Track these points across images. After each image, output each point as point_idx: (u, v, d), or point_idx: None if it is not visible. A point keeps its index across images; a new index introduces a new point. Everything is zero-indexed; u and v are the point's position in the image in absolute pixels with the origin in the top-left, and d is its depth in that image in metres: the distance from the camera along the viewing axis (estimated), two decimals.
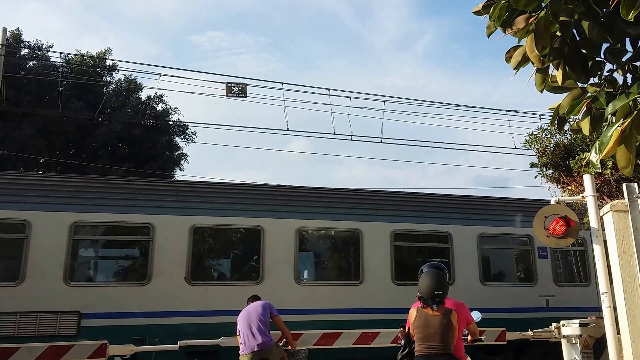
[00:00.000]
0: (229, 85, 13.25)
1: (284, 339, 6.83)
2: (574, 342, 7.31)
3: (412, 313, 4.77)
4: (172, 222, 8.87)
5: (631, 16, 2.28)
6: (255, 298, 7.04)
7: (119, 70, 21.41)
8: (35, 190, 8.74)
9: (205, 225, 9.21)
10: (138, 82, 21.39)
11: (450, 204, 10.77)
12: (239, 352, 6.54)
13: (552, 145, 11.25)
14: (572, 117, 2.87)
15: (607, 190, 9.30)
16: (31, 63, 20.63)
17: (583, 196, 6.04)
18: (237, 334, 6.65)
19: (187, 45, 63.33)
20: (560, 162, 11.04)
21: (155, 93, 21.80)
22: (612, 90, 2.78)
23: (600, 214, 5.71)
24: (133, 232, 9.10)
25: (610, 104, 2.47)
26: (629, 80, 2.79)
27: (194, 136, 22.73)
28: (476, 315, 5.63)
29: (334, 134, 13.50)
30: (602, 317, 5.70)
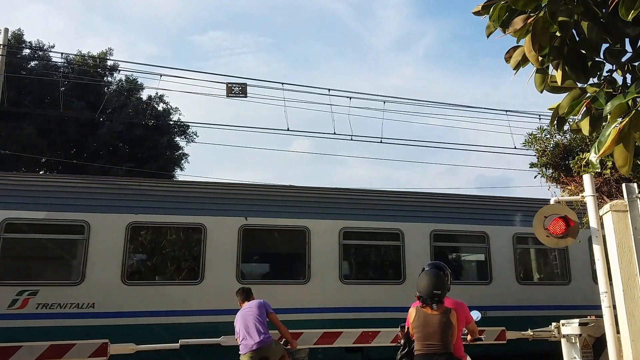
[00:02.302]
0: (230, 85, 13.26)
1: (284, 338, 6.83)
2: (573, 341, 7.33)
3: (412, 312, 4.78)
4: None
5: (630, 17, 2.29)
6: (245, 292, 7.03)
7: (120, 70, 21.44)
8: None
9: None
10: (139, 82, 21.44)
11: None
12: (239, 352, 6.55)
13: (551, 145, 11.26)
14: (571, 117, 2.88)
15: (607, 190, 9.31)
16: (32, 63, 20.65)
17: (583, 196, 6.06)
18: (236, 336, 6.66)
19: (188, 45, 63.43)
20: (559, 162, 11.05)
21: (156, 93, 21.84)
22: (611, 90, 2.79)
23: (600, 214, 5.73)
24: None
25: (608, 103, 2.49)
26: (629, 80, 2.80)
27: (195, 136, 22.79)
28: (476, 315, 5.65)
29: (334, 134, 13.52)
30: (601, 317, 5.72)
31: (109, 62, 21.75)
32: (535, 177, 11.65)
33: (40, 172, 19.52)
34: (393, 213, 9.90)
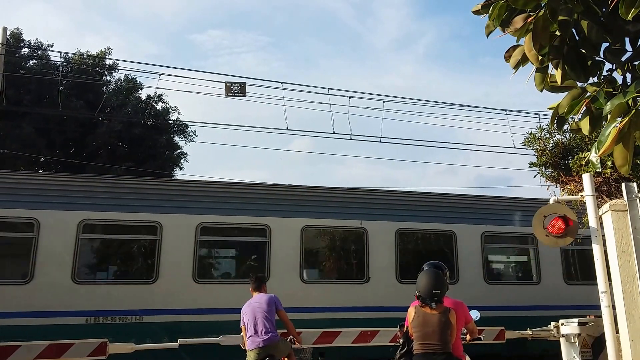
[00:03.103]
0: (229, 84, 13.26)
1: (291, 336, 6.76)
2: (572, 341, 7.33)
3: (411, 312, 4.77)
4: None
5: (630, 15, 2.29)
6: (258, 281, 6.88)
7: (119, 69, 21.44)
8: None
9: None
10: (138, 82, 21.42)
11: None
12: (246, 347, 6.47)
13: (551, 144, 11.25)
14: (571, 116, 2.87)
15: (606, 189, 9.30)
16: (31, 62, 20.64)
17: (582, 195, 6.05)
18: (242, 325, 6.56)
19: (188, 44, 63.39)
20: (559, 161, 11.03)
21: (155, 92, 21.84)
22: (611, 89, 2.79)
23: (599, 214, 5.73)
24: None
25: (608, 103, 2.49)
26: (629, 79, 2.80)
27: (194, 135, 22.78)
28: (475, 314, 5.64)
29: (334, 133, 13.53)
30: (601, 316, 5.72)
31: (108, 61, 21.75)
32: (534, 176, 11.63)
33: (39, 171, 19.50)
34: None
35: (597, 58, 2.78)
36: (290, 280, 8.96)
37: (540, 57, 2.68)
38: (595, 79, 2.84)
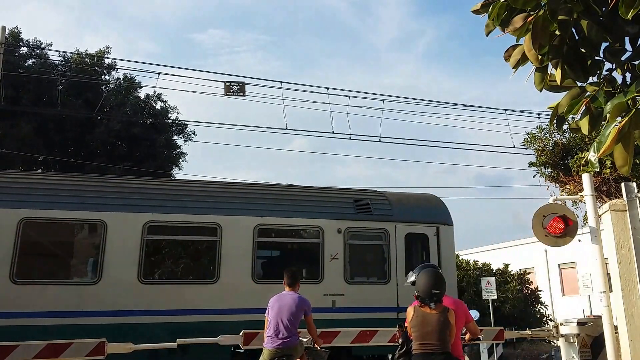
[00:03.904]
0: (228, 84, 13.25)
1: (309, 337, 6.66)
2: (572, 341, 7.32)
3: (410, 312, 4.77)
4: None
5: (630, 15, 2.28)
6: (292, 276, 6.67)
7: (117, 68, 21.38)
8: None
9: None
10: (137, 81, 21.40)
11: None
12: (264, 344, 6.40)
13: (550, 144, 11.26)
14: (571, 116, 2.87)
15: (606, 189, 9.31)
16: (30, 61, 20.61)
17: (582, 195, 6.05)
18: (265, 315, 6.48)
19: (188, 44, 63.42)
20: (558, 161, 11.04)
21: (154, 92, 21.81)
22: (611, 89, 2.78)
23: (599, 213, 5.72)
24: None
25: (608, 103, 2.48)
26: (628, 79, 2.79)
27: (193, 135, 22.75)
28: (474, 314, 5.63)
29: (333, 132, 13.54)
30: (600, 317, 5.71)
31: (107, 61, 21.73)
32: (534, 176, 11.65)
33: (38, 171, 19.48)
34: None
35: (596, 58, 2.78)
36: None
37: (539, 57, 2.68)
38: (595, 79, 2.83)
